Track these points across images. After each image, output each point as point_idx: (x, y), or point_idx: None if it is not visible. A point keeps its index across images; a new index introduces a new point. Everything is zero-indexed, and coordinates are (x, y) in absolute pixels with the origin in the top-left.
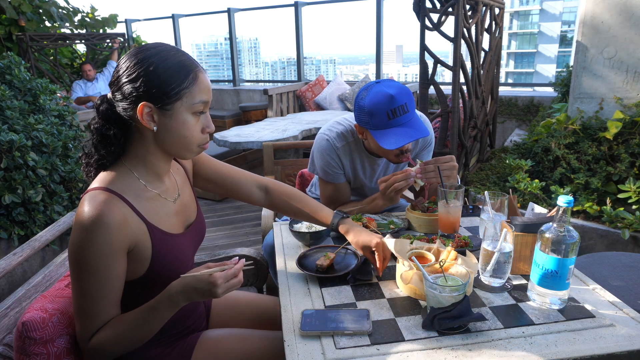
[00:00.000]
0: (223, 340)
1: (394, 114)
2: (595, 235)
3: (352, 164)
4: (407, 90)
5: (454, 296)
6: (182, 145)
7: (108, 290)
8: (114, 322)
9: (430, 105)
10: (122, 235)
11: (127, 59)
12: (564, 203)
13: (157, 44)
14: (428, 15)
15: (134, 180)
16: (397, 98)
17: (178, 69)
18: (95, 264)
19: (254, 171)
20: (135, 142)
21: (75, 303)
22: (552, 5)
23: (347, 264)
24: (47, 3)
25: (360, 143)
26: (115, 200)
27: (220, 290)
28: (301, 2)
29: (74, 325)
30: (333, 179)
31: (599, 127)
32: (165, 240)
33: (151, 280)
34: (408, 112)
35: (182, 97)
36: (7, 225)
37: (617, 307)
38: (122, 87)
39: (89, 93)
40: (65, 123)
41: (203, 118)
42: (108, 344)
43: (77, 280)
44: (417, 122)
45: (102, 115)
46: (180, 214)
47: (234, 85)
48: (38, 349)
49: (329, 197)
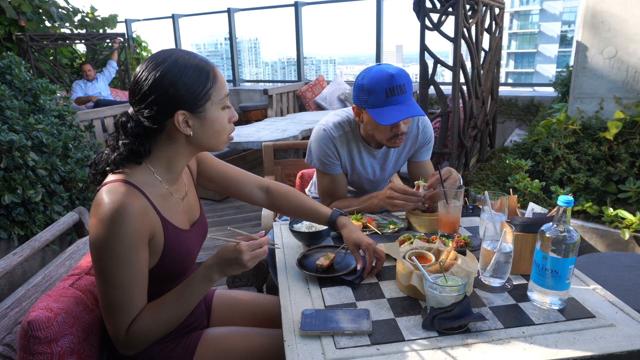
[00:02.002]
0: (225, 338)
1: (392, 92)
2: (595, 235)
3: (350, 154)
4: (407, 73)
5: (454, 296)
6: (216, 138)
7: (140, 278)
8: (149, 307)
9: (430, 105)
10: (144, 224)
11: (147, 73)
12: (564, 203)
13: (169, 52)
14: (428, 15)
15: (150, 175)
16: (397, 78)
17: (199, 72)
18: (125, 253)
19: (253, 171)
20: (163, 145)
21: (107, 297)
22: (552, 5)
23: (347, 264)
24: (47, 3)
25: (357, 133)
26: (134, 191)
27: (246, 257)
28: (301, 2)
29: (78, 325)
30: (329, 170)
31: (599, 127)
32: (176, 235)
33: (158, 274)
34: (406, 93)
35: (211, 96)
36: (7, 225)
37: (617, 307)
38: (150, 102)
39: (88, 93)
40: (65, 123)
41: (228, 110)
42: (149, 328)
43: (106, 274)
44: (414, 104)
45: (131, 132)
46: (187, 212)
47: (234, 85)
48: (42, 348)
49: (325, 188)
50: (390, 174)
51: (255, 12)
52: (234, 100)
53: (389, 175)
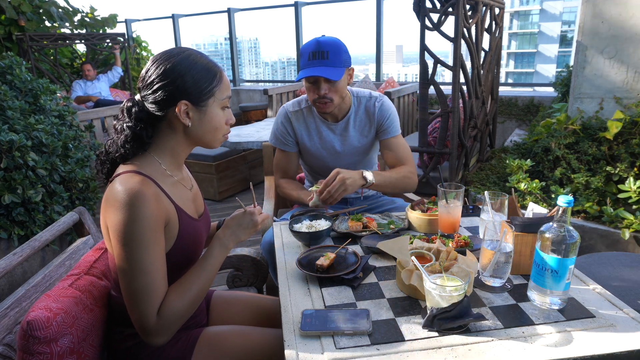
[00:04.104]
0: (225, 336)
1: (314, 56)
2: (595, 235)
3: (307, 129)
4: (337, 45)
5: (454, 296)
6: (212, 134)
7: (161, 263)
8: (173, 288)
9: (430, 105)
10: (160, 209)
11: (159, 64)
12: (564, 203)
13: (182, 49)
14: (428, 15)
15: (158, 166)
16: (322, 44)
17: (207, 70)
18: (146, 236)
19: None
20: (164, 134)
21: (133, 285)
22: (552, 5)
23: (347, 264)
24: (47, 3)
25: (314, 109)
26: (147, 180)
27: (258, 218)
28: (301, 2)
29: (77, 325)
30: (283, 146)
31: (599, 127)
32: (189, 222)
33: (170, 261)
34: (327, 59)
35: (215, 94)
36: (7, 225)
37: (617, 307)
38: (157, 89)
39: (88, 92)
40: (65, 123)
41: (227, 112)
42: (180, 307)
43: (131, 259)
44: (331, 70)
45: (134, 117)
46: (195, 202)
47: (234, 85)
48: (41, 348)
49: (277, 164)
50: (358, 150)
51: (255, 12)
52: (234, 100)
53: (357, 152)
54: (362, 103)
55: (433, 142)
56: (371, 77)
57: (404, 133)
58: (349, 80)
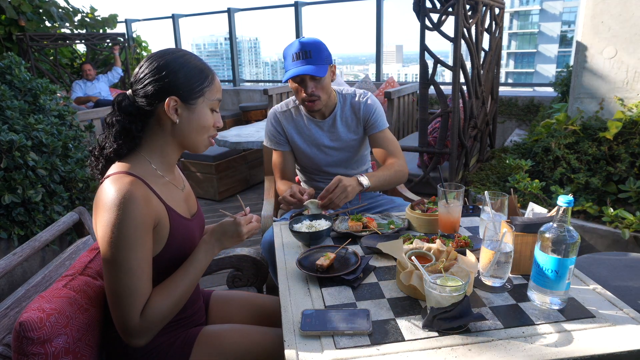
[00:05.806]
0: (224, 334)
1: (297, 56)
2: (595, 235)
3: (297, 128)
4: (319, 45)
5: (454, 296)
6: (199, 134)
7: (146, 264)
8: (157, 290)
9: (430, 105)
10: (149, 210)
11: (152, 61)
12: (564, 203)
13: (177, 49)
14: (428, 15)
15: (149, 167)
16: (304, 45)
17: (200, 70)
18: (133, 238)
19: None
20: (153, 133)
21: (117, 285)
22: (552, 5)
23: (347, 264)
24: (47, 3)
25: (301, 108)
26: (137, 181)
27: (244, 229)
28: (301, 2)
29: (72, 325)
30: (276, 146)
31: (599, 127)
32: (180, 223)
33: (163, 261)
34: (310, 58)
35: (205, 94)
36: (7, 225)
37: (617, 307)
38: (148, 84)
39: (88, 93)
40: (65, 123)
41: (215, 114)
42: (163, 308)
43: (115, 260)
44: (315, 68)
45: (124, 110)
46: (187, 202)
47: (234, 85)
48: (36, 349)
49: (275, 165)
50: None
51: (255, 12)
52: (234, 100)
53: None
54: (347, 99)
55: (433, 142)
56: (371, 77)
57: (404, 133)
58: (332, 76)
